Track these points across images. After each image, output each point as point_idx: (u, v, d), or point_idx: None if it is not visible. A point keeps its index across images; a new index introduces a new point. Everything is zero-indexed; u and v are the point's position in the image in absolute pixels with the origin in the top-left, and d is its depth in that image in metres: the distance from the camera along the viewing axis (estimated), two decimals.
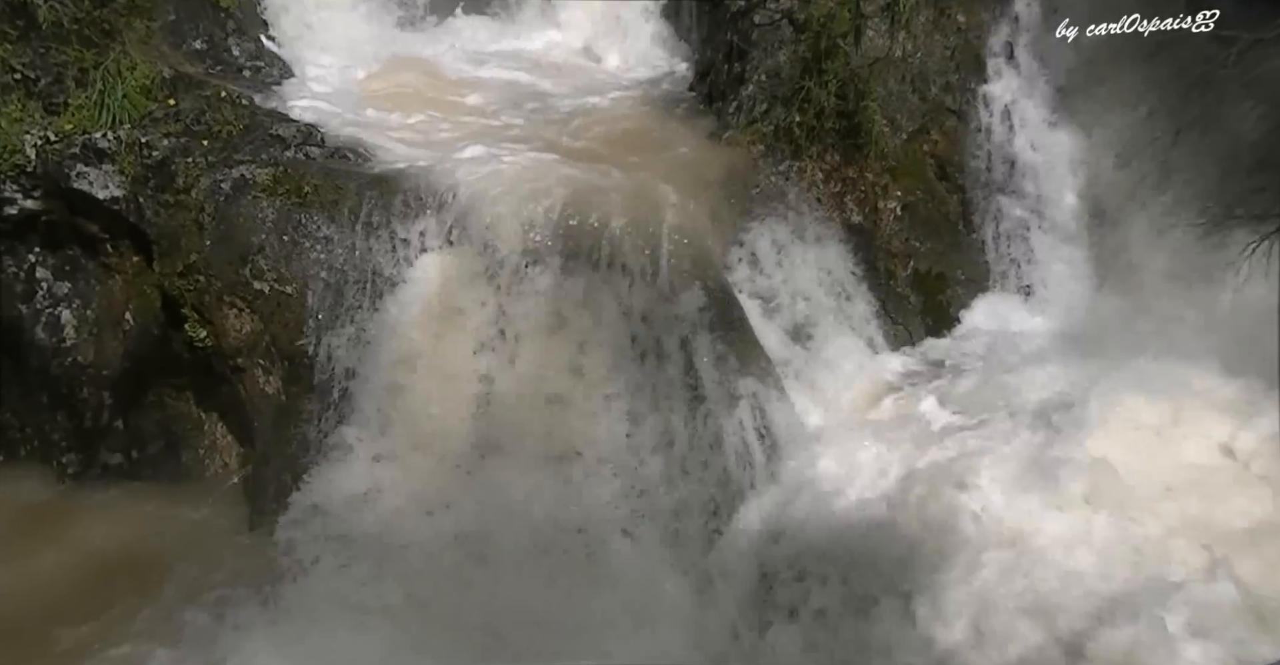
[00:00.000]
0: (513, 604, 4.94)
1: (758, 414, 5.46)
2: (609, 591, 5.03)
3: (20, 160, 5.45)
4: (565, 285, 5.34)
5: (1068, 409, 5.18)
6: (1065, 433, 5.21)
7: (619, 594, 5.04)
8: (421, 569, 5.06)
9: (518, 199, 5.42)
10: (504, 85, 7.08)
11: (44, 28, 5.49)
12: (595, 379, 5.33)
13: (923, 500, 5.07)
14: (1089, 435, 5.12)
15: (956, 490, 5.07)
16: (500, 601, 4.96)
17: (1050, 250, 6.23)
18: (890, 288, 6.33)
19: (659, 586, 5.11)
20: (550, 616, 4.91)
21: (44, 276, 5.77)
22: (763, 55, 6.37)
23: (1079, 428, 5.17)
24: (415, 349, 5.38)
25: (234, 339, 5.50)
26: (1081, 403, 5.20)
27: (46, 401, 5.81)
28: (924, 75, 6.41)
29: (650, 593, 5.08)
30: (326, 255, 5.46)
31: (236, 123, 5.73)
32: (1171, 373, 5.18)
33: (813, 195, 6.24)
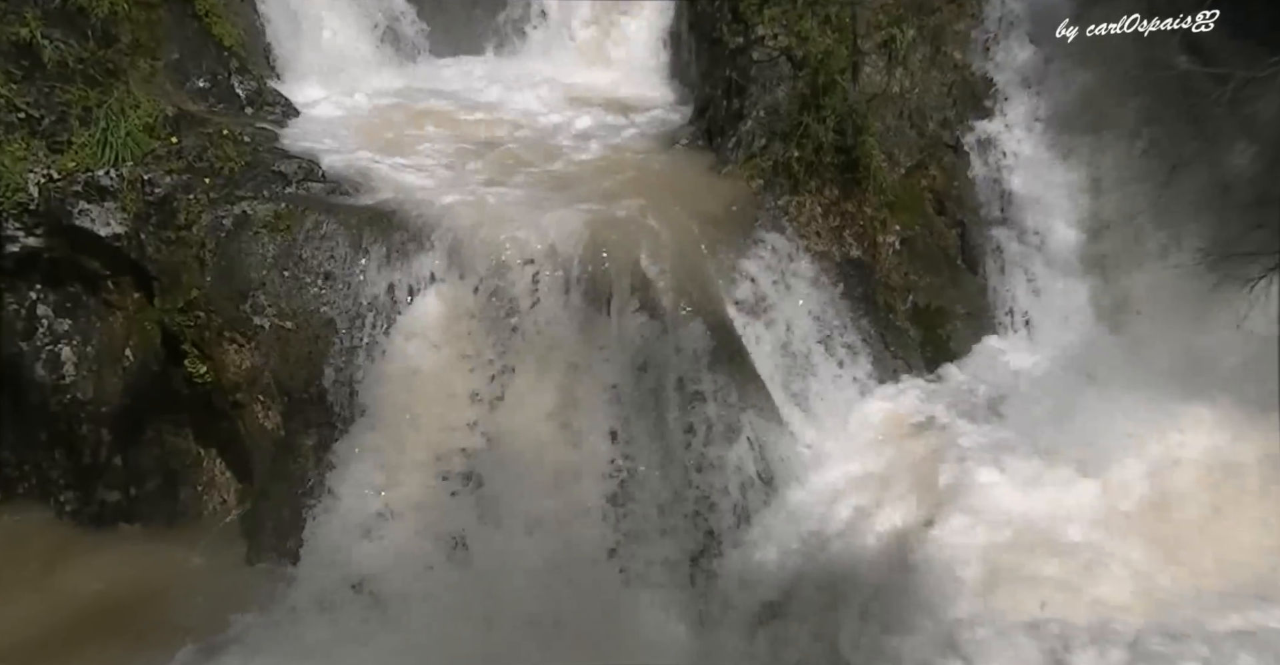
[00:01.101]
0: (512, 646, 4.92)
1: (757, 447, 5.48)
2: (609, 630, 5.01)
3: (23, 198, 5.47)
4: (565, 319, 5.35)
5: (1069, 443, 5.20)
6: (1067, 466, 5.29)
7: (619, 630, 5.03)
8: (421, 619, 5.04)
9: (516, 234, 5.44)
10: (504, 121, 7.11)
11: (49, 68, 5.54)
12: (595, 414, 5.33)
13: (928, 533, 5.09)
14: (1093, 468, 5.18)
15: (962, 523, 5.11)
16: (498, 644, 4.93)
17: (1049, 284, 6.24)
18: (890, 321, 6.34)
19: (659, 623, 5.09)
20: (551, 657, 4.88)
21: (45, 313, 5.78)
22: (761, 91, 6.42)
23: (1082, 461, 5.23)
24: (414, 383, 5.38)
25: (234, 374, 5.49)
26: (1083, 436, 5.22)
27: (46, 439, 5.79)
28: (921, 111, 6.46)
29: (650, 631, 5.06)
30: (327, 290, 5.47)
31: (238, 159, 5.77)
32: (1173, 408, 5.19)
33: (812, 229, 6.27)
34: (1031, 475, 5.33)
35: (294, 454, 5.47)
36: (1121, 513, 5.12)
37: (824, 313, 6.13)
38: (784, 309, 6.02)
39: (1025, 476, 5.32)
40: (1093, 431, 5.38)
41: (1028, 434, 5.54)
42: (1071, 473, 5.32)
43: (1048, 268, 6.28)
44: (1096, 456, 5.30)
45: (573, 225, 5.51)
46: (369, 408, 5.38)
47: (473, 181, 6.08)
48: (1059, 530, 5.09)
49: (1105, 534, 4.95)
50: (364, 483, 5.31)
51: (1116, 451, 5.29)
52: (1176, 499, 5.06)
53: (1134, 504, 5.16)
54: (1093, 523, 5.10)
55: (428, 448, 5.34)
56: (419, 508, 5.29)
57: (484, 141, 6.81)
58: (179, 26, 6.22)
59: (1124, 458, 5.29)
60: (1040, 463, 5.38)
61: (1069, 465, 5.34)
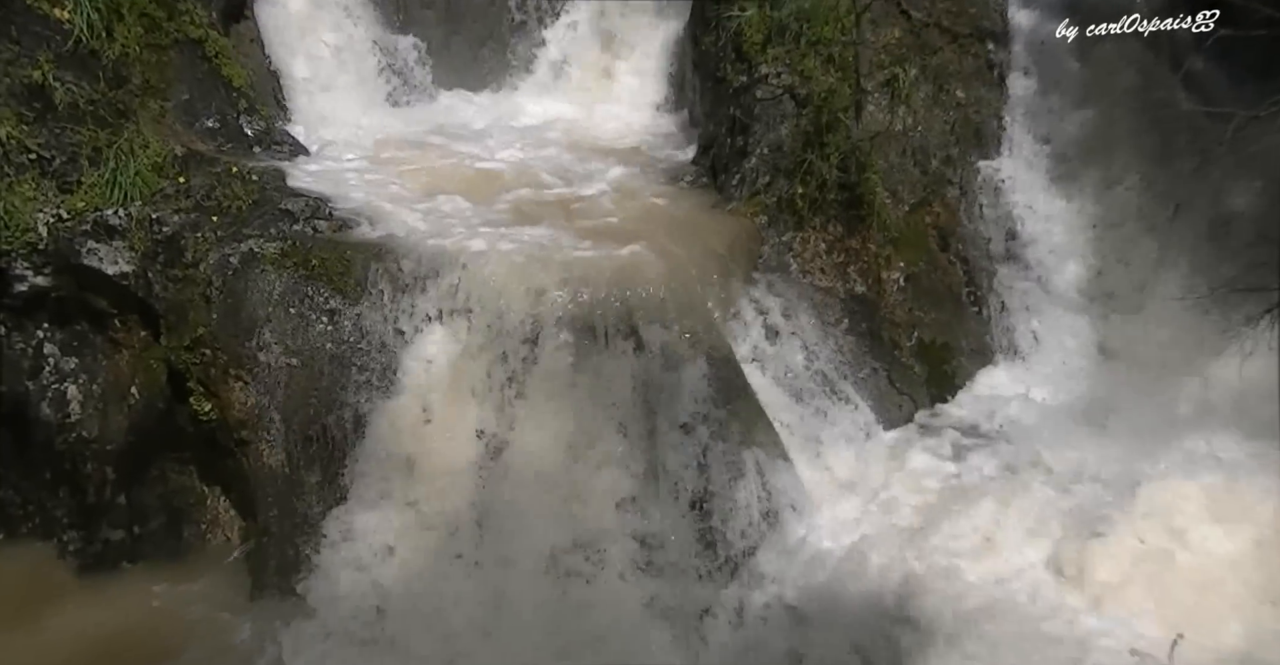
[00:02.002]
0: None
1: (762, 484, 5.45)
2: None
3: (32, 238, 5.48)
4: (569, 357, 5.35)
5: (1074, 482, 5.16)
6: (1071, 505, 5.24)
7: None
8: (428, 657, 4.99)
9: (520, 271, 5.46)
10: (509, 159, 7.16)
11: (60, 109, 5.57)
12: (600, 452, 5.32)
13: (934, 573, 5.05)
14: (1095, 505, 5.14)
15: (969, 564, 5.06)
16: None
17: (1054, 321, 6.27)
18: (895, 357, 6.34)
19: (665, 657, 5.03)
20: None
21: (51, 352, 5.77)
22: (765, 129, 6.47)
23: (1087, 500, 5.19)
24: (419, 422, 5.37)
25: (239, 412, 5.49)
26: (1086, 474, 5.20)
27: (50, 478, 5.75)
28: (924, 148, 6.52)
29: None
30: (333, 327, 5.47)
31: (246, 198, 5.79)
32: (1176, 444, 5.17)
33: (816, 265, 6.30)
34: (1034, 511, 5.27)
35: (298, 491, 5.44)
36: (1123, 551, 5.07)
37: (829, 349, 6.15)
38: (789, 345, 6.04)
39: (1027, 512, 5.26)
40: (1095, 468, 5.37)
41: (1033, 470, 5.52)
42: (1073, 507, 5.26)
43: (1051, 304, 6.31)
44: (1099, 493, 5.27)
45: (577, 262, 5.53)
46: (374, 444, 5.36)
47: (478, 219, 6.11)
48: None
49: (1109, 575, 4.90)
50: (369, 519, 5.29)
51: (1119, 488, 5.26)
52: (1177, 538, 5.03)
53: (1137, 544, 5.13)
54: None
55: (433, 484, 5.32)
56: (425, 544, 5.26)
57: (489, 179, 6.85)
58: (189, 68, 6.28)
59: (1127, 494, 5.26)
60: (1042, 498, 5.33)
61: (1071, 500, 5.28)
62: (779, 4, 6.48)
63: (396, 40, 8.18)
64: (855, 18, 6.14)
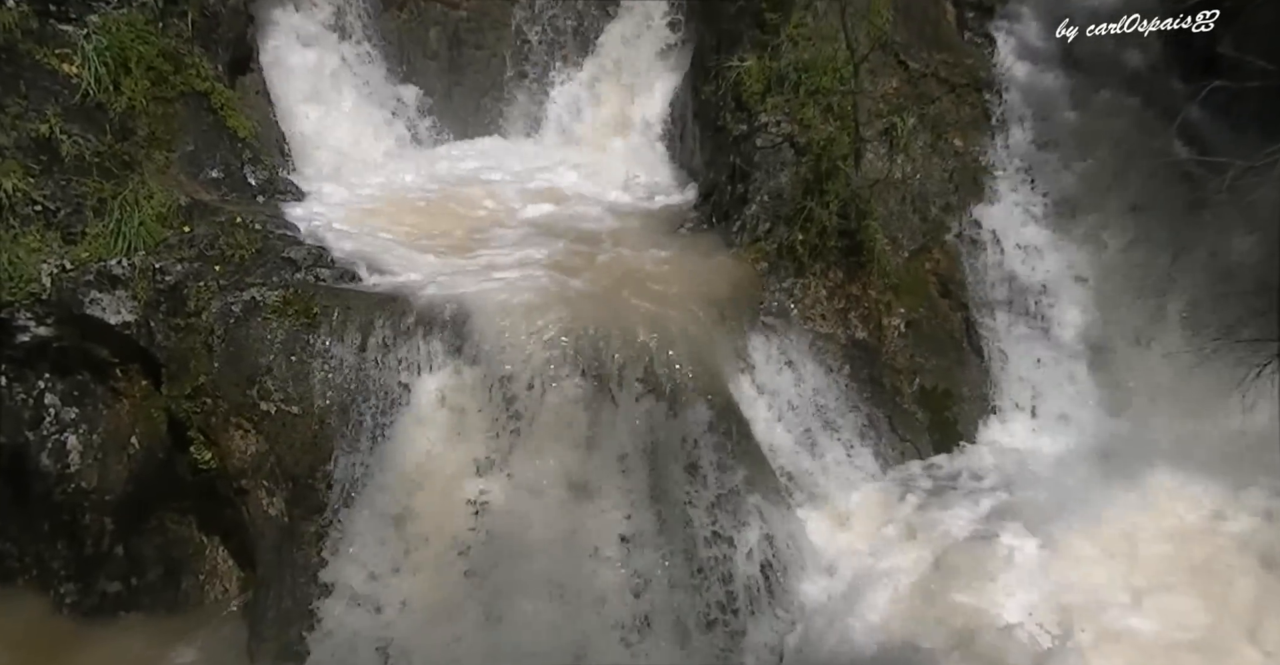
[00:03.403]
0: None
1: (765, 532, 5.42)
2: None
3: (35, 288, 5.52)
4: (571, 403, 5.34)
5: (1079, 531, 5.13)
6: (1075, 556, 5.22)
7: None
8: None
9: (522, 318, 5.47)
10: (510, 206, 7.22)
11: (66, 161, 5.64)
12: (600, 497, 5.28)
13: (938, 622, 5.00)
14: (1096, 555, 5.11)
15: (971, 611, 5.01)
16: None
17: (1055, 368, 6.26)
18: (897, 404, 6.34)
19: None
20: None
21: (52, 402, 5.78)
22: (765, 176, 6.52)
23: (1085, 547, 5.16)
24: (420, 468, 5.35)
25: (239, 460, 5.47)
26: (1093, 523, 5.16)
27: (48, 529, 5.74)
28: (924, 196, 6.56)
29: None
30: (334, 375, 5.47)
31: (249, 247, 5.83)
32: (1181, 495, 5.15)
33: (817, 311, 6.32)
34: (1037, 561, 5.25)
35: (297, 541, 5.39)
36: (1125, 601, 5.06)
37: (831, 395, 6.16)
38: (791, 391, 6.05)
39: (1031, 561, 5.24)
40: (1097, 516, 5.35)
41: (1034, 518, 5.48)
42: (1076, 559, 5.25)
43: (1052, 351, 6.32)
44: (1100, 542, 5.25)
45: (579, 308, 5.55)
46: (375, 493, 5.32)
47: (479, 266, 6.14)
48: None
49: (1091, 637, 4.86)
50: (370, 569, 5.23)
51: (1120, 537, 5.24)
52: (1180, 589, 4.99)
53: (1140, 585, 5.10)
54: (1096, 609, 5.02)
55: (436, 532, 5.28)
56: (427, 595, 5.20)
57: (491, 226, 6.90)
58: (195, 119, 6.36)
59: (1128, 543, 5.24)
60: (1045, 549, 5.31)
61: (1073, 551, 5.27)
62: (778, 54, 6.56)
63: (399, 91, 8.33)
64: (853, 68, 6.21)
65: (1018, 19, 6.90)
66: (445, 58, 8.73)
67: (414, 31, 8.70)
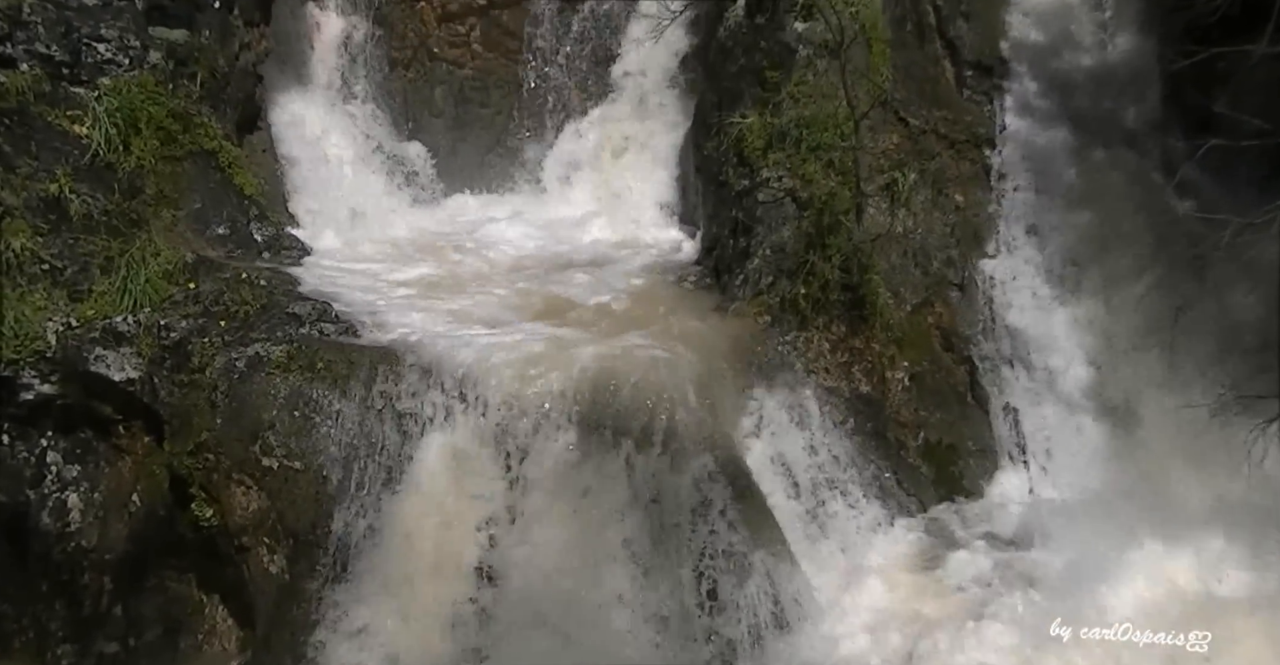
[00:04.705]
0: None
1: (769, 587, 5.36)
2: None
3: (40, 346, 5.53)
4: (574, 458, 5.33)
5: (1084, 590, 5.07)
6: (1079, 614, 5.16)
7: None
8: None
9: (526, 372, 5.48)
10: (514, 260, 7.29)
11: (75, 220, 5.69)
12: (604, 552, 5.25)
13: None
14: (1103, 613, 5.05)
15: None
16: None
17: (1059, 421, 6.26)
18: (901, 457, 6.31)
19: None
20: None
21: (54, 460, 5.74)
22: (767, 231, 6.56)
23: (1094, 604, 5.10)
24: (422, 523, 5.31)
25: (240, 517, 5.45)
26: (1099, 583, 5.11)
27: (46, 590, 5.65)
28: (925, 250, 6.61)
29: None
30: (337, 430, 5.46)
31: (254, 302, 5.86)
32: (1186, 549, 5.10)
33: (820, 365, 6.31)
34: (1042, 616, 5.21)
35: (298, 599, 5.34)
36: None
37: (835, 449, 6.11)
38: (795, 445, 6.01)
39: (1037, 617, 5.20)
40: (1103, 573, 5.31)
41: (1040, 573, 5.47)
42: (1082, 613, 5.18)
43: (1057, 405, 6.32)
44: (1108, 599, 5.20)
45: (583, 362, 5.55)
46: (376, 549, 5.29)
47: (483, 320, 6.16)
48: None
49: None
50: (371, 628, 5.18)
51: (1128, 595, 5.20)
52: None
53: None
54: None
55: (438, 589, 5.24)
56: (429, 653, 5.15)
57: (495, 281, 6.94)
58: (203, 177, 6.44)
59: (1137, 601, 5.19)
60: (1051, 604, 5.27)
61: (1080, 607, 5.21)
62: (779, 111, 6.65)
63: (405, 147, 8.46)
64: (854, 125, 6.28)
65: (1016, 78, 7.02)
66: (450, 115, 8.88)
67: (420, 90, 8.89)
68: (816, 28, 6.57)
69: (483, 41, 8.95)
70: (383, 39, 8.59)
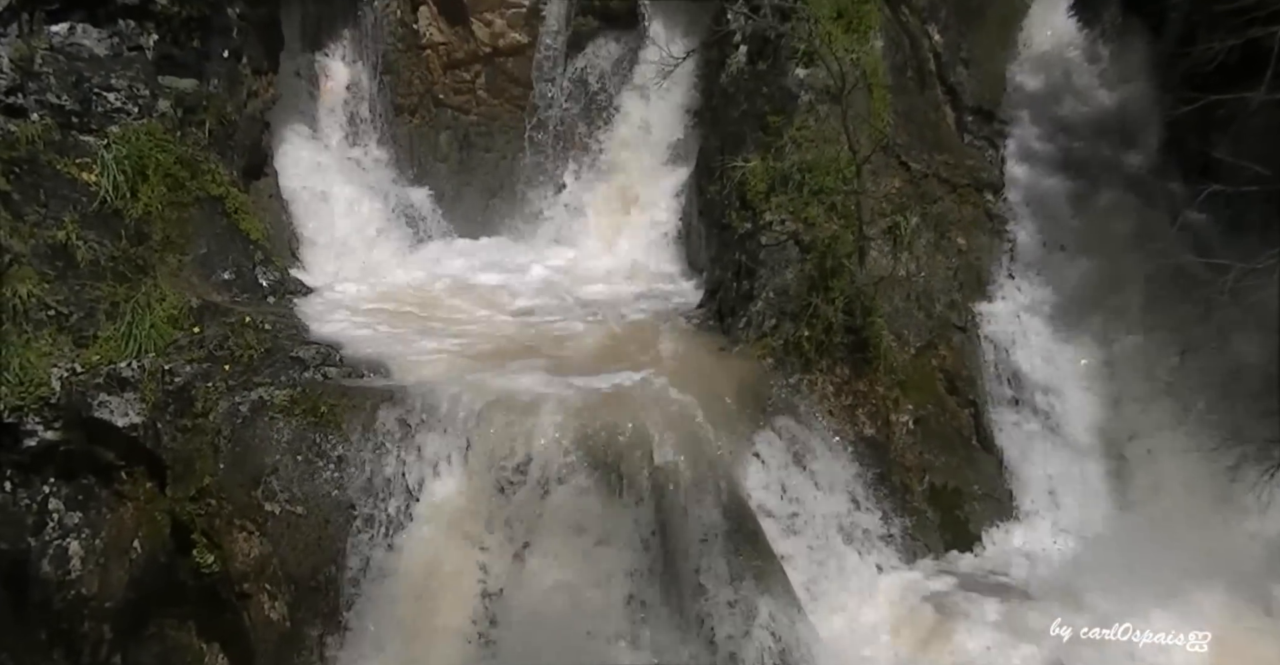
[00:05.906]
0: None
1: (774, 632, 5.30)
2: None
3: (45, 392, 5.54)
4: (578, 502, 5.29)
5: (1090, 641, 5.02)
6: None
7: None
8: None
9: (529, 414, 5.46)
10: (519, 304, 7.30)
11: (81, 266, 5.73)
12: (611, 596, 5.21)
13: None
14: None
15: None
16: None
17: (1065, 466, 6.22)
18: (906, 502, 6.26)
19: None
20: None
21: (56, 507, 5.73)
22: (770, 273, 6.57)
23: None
24: (427, 568, 5.28)
25: (241, 563, 5.41)
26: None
27: (45, 638, 5.61)
28: (928, 293, 6.61)
29: None
30: (340, 474, 5.44)
31: (258, 346, 5.88)
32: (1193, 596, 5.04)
33: (824, 408, 6.29)
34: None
35: (299, 646, 5.30)
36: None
37: (839, 493, 6.06)
38: (799, 489, 5.96)
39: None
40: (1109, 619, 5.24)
41: (1046, 620, 5.38)
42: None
43: (1062, 449, 6.29)
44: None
45: (587, 405, 5.55)
46: (379, 595, 5.26)
47: (487, 363, 6.15)
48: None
49: None
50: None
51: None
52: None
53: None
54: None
55: (441, 635, 5.19)
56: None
57: (499, 324, 6.96)
58: (209, 223, 6.49)
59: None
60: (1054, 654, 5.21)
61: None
62: (781, 155, 6.69)
63: (409, 192, 8.56)
64: (856, 169, 6.33)
65: (1017, 123, 7.10)
66: (455, 160, 8.98)
67: (425, 135, 9.01)
68: (818, 74, 6.64)
69: (488, 88, 9.09)
70: (388, 85, 8.72)
